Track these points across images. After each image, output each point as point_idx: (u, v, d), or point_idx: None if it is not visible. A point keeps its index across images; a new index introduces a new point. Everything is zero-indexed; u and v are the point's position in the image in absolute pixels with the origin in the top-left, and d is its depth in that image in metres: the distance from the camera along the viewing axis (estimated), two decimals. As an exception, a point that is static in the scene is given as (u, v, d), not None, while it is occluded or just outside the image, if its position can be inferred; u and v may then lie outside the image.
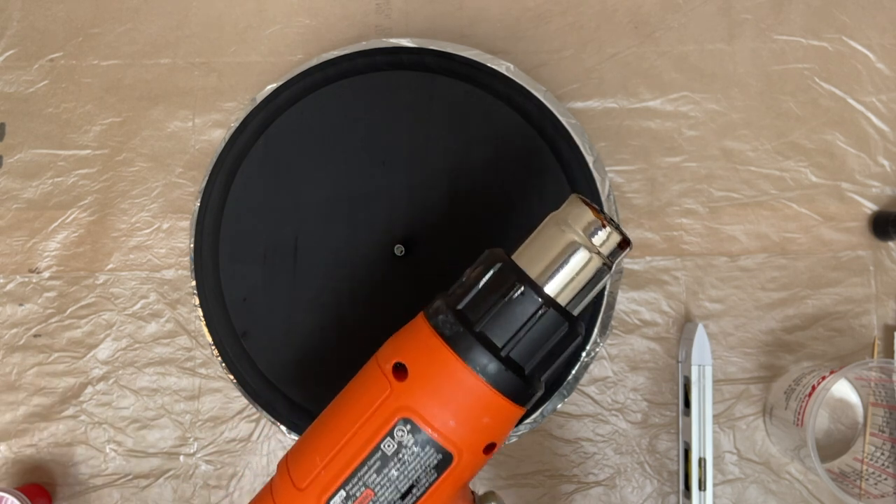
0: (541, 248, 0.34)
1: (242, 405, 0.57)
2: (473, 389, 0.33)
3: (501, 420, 0.34)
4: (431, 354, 0.33)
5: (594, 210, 0.34)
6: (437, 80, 0.52)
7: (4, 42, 0.61)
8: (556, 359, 0.35)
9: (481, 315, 0.33)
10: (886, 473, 0.53)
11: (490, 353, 0.33)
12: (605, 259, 0.34)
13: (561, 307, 0.34)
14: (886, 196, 0.59)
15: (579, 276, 0.34)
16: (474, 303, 0.34)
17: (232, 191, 0.52)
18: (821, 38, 0.60)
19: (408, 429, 0.33)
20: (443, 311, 0.34)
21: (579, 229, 0.34)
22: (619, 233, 0.34)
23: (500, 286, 0.33)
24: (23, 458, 0.57)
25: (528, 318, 0.33)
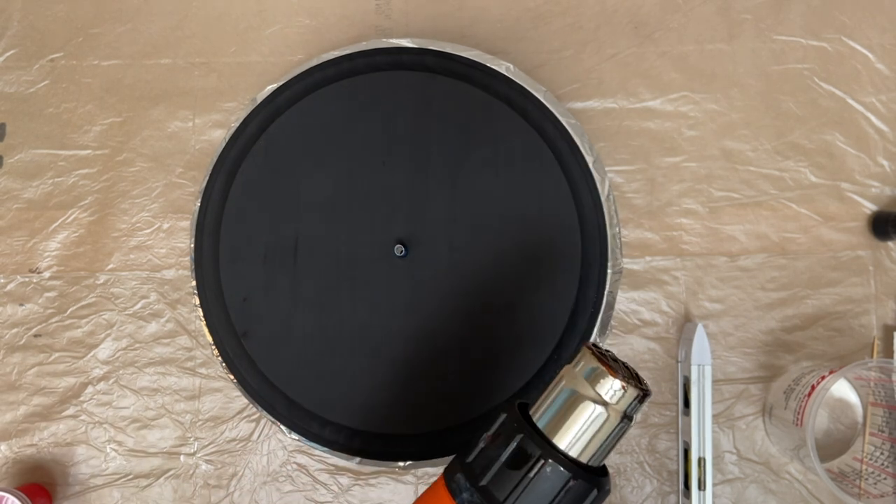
0: (558, 412, 0.34)
1: (242, 405, 0.57)
2: None
3: None
4: None
5: (609, 368, 0.33)
6: (437, 80, 0.52)
7: (5, 42, 0.61)
8: None
9: (507, 493, 0.32)
10: (886, 473, 0.53)
11: None
12: (622, 414, 0.33)
13: (587, 471, 0.33)
14: (886, 196, 0.59)
15: (599, 433, 0.33)
16: (498, 478, 0.33)
17: (232, 191, 0.52)
18: (820, 39, 0.60)
19: None
20: (466, 487, 0.33)
21: (595, 389, 0.33)
22: (637, 387, 0.33)
23: (524, 460, 0.32)
24: (23, 458, 0.57)
25: (557, 492, 0.32)
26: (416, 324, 0.49)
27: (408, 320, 0.50)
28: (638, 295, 0.58)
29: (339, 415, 0.49)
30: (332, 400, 0.49)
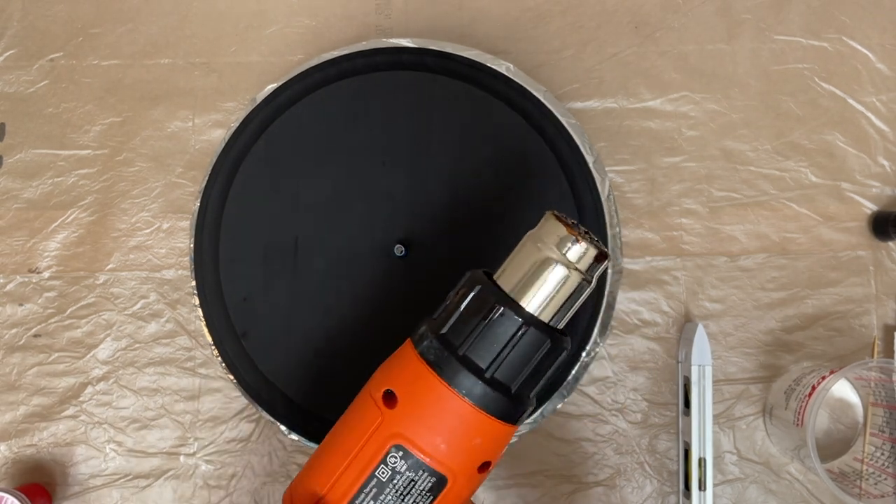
0: (519, 268, 0.35)
1: (242, 405, 0.57)
2: (461, 413, 0.33)
3: (492, 439, 0.34)
4: (418, 381, 0.34)
5: (568, 226, 0.34)
6: (437, 80, 0.52)
7: (4, 42, 0.61)
8: (543, 375, 0.35)
9: (464, 338, 0.34)
10: (886, 473, 0.53)
11: (474, 376, 0.33)
12: (583, 274, 0.34)
13: (542, 324, 0.34)
14: (886, 196, 0.59)
15: (559, 293, 0.34)
16: (456, 326, 0.34)
17: (232, 191, 0.52)
18: (821, 39, 0.60)
19: (400, 455, 0.34)
20: (427, 336, 0.35)
21: (554, 246, 0.34)
22: (595, 246, 0.34)
23: (481, 308, 0.34)
24: (23, 458, 0.57)
25: (510, 338, 0.33)
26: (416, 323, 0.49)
27: (408, 320, 0.49)
28: (638, 295, 0.58)
29: (338, 414, 0.49)
30: (332, 400, 0.49)
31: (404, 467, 0.34)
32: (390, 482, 0.34)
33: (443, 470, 0.34)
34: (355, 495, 0.34)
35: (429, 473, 0.34)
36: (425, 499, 0.34)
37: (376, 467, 0.34)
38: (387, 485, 0.34)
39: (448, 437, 0.34)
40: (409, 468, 0.34)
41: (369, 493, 0.34)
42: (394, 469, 0.34)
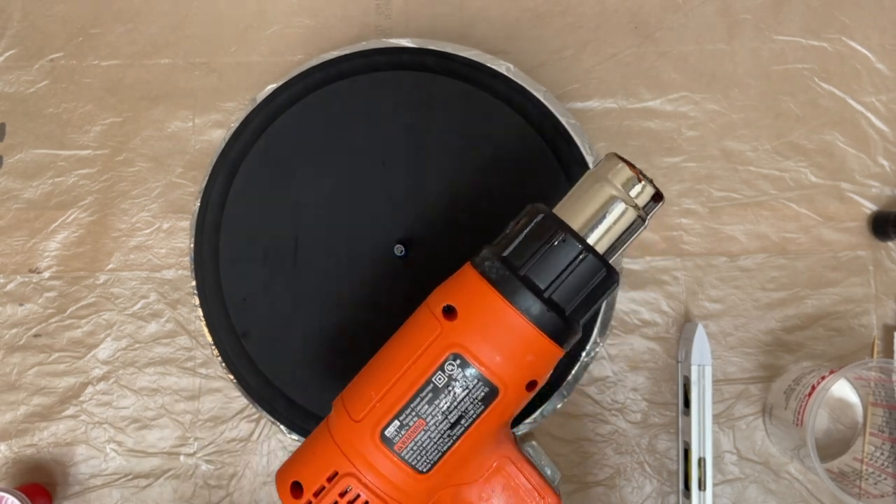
0: (581, 202, 0.37)
1: (242, 405, 0.57)
2: (518, 328, 0.35)
3: (544, 358, 0.36)
4: (480, 297, 0.36)
5: (631, 166, 0.37)
6: (437, 80, 0.52)
7: (4, 42, 0.61)
8: (594, 303, 0.37)
9: (525, 260, 0.36)
10: (886, 473, 0.53)
11: (534, 295, 0.35)
12: (640, 211, 0.37)
13: (599, 254, 0.36)
14: (886, 196, 0.59)
15: (616, 226, 0.37)
16: (519, 250, 0.36)
17: (232, 191, 0.52)
18: (820, 39, 0.60)
19: (457, 363, 0.36)
20: (489, 257, 0.37)
21: (617, 184, 0.37)
22: (653, 186, 0.37)
23: (543, 234, 0.36)
24: (23, 458, 0.57)
25: (570, 262, 0.36)
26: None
27: (408, 320, 0.50)
28: (638, 295, 0.58)
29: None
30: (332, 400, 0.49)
31: (460, 375, 0.36)
32: (446, 388, 0.36)
33: (496, 381, 0.36)
34: (411, 399, 0.36)
35: (483, 383, 0.36)
36: (477, 407, 0.36)
37: (433, 373, 0.36)
38: (442, 391, 0.36)
39: (504, 350, 0.35)
40: (464, 376, 0.36)
41: (425, 397, 0.36)
42: (450, 376, 0.36)
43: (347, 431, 0.37)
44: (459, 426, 0.36)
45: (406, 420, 0.36)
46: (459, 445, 0.37)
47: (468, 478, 0.38)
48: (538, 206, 0.38)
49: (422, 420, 0.36)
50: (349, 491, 0.37)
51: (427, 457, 0.36)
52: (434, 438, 0.36)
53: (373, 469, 0.36)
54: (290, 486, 0.38)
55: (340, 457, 0.37)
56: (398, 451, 0.36)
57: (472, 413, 0.36)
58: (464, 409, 0.36)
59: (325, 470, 0.37)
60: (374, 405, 0.37)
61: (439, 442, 0.36)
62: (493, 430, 0.37)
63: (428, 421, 0.36)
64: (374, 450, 0.36)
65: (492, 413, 0.36)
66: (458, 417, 0.36)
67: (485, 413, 0.36)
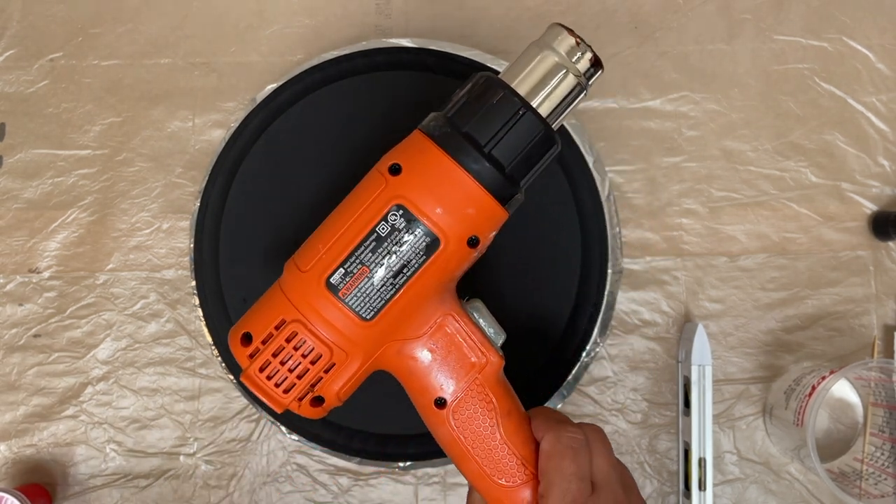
0: (522, 66, 0.39)
1: (242, 405, 0.57)
2: (459, 181, 0.37)
3: (484, 214, 0.38)
4: (423, 153, 0.38)
5: (572, 33, 0.39)
6: (437, 80, 0.52)
7: (4, 42, 0.61)
8: (535, 164, 0.39)
9: (467, 119, 0.37)
10: (886, 473, 0.53)
11: (475, 150, 0.37)
12: (580, 77, 0.39)
13: (538, 114, 0.38)
14: (886, 196, 0.59)
15: (557, 90, 0.38)
16: (462, 110, 0.38)
17: (232, 191, 0.52)
18: (821, 39, 0.60)
19: (400, 213, 0.37)
20: (433, 119, 0.39)
21: (561, 50, 0.38)
22: (592, 52, 0.39)
23: (484, 94, 0.38)
24: (23, 458, 0.57)
25: (509, 118, 0.37)
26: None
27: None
28: (638, 295, 0.58)
29: (338, 415, 0.49)
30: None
31: (403, 225, 0.37)
32: (388, 237, 0.37)
33: (437, 232, 0.37)
34: (356, 248, 0.37)
35: (424, 233, 0.37)
36: (419, 257, 0.38)
37: (377, 224, 0.37)
38: (385, 239, 0.37)
39: (445, 203, 0.37)
40: (406, 227, 0.37)
41: (368, 246, 0.37)
42: (393, 225, 0.37)
43: (295, 282, 0.39)
44: (402, 275, 0.38)
45: (350, 268, 0.38)
46: (402, 295, 0.38)
47: (412, 332, 0.40)
48: (484, 73, 0.39)
49: (365, 268, 0.37)
50: (295, 336, 0.38)
51: (371, 304, 0.38)
52: (377, 286, 0.38)
53: (318, 315, 0.38)
54: (241, 336, 0.39)
55: (288, 305, 0.38)
56: (342, 297, 0.38)
57: (415, 263, 0.38)
58: (406, 259, 0.37)
59: (273, 319, 0.38)
60: (320, 256, 0.38)
61: (382, 290, 0.38)
62: (436, 283, 0.39)
63: (371, 268, 0.37)
64: (319, 297, 0.38)
65: (434, 264, 0.38)
66: (401, 267, 0.38)
67: (427, 263, 0.38)
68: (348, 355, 0.38)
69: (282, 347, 0.38)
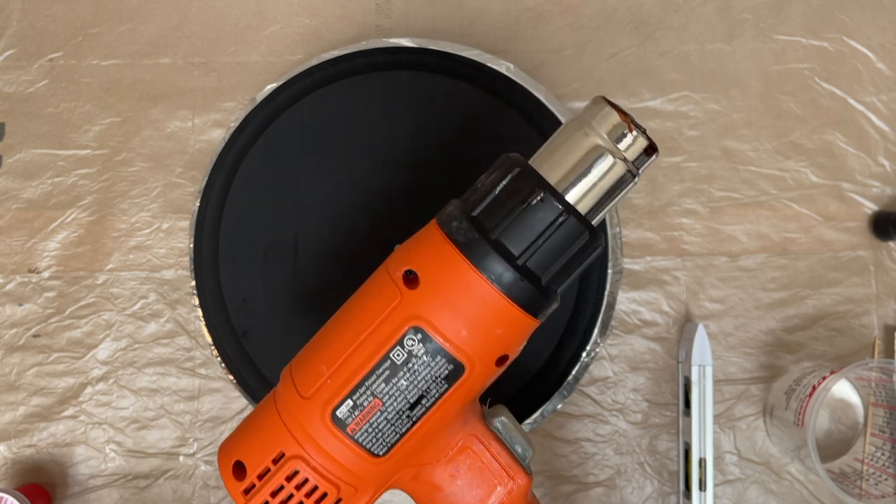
0: (560, 153, 0.33)
1: (242, 405, 0.57)
2: (487, 299, 0.32)
3: (516, 331, 0.33)
4: (444, 262, 0.32)
5: (620, 112, 0.32)
6: (437, 80, 0.52)
7: (4, 42, 0.61)
8: (575, 270, 0.33)
9: (497, 222, 0.32)
10: (887, 474, 0.53)
11: (506, 262, 0.32)
12: (629, 165, 0.32)
13: (581, 216, 0.32)
14: (887, 196, 0.59)
15: (601, 182, 0.32)
16: (490, 209, 0.32)
17: (232, 191, 0.52)
18: (821, 38, 0.60)
19: (418, 338, 0.32)
20: (456, 217, 0.33)
21: (603, 132, 0.32)
22: (646, 137, 0.32)
23: (518, 192, 0.32)
24: (22, 459, 0.57)
25: (547, 225, 0.32)
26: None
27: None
28: (638, 295, 0.58)
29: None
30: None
31: (422, 351, 0.32)
32: (405, 366, 0.32)
33: (461, 357, 0.32)
34: (366, 376, 0.33)
35: (447, 360, 0.32)
36: (440, 386, 0.33)
37: (391, 349, 0.32)
38: (401, 368, 0.32)
39: (471, 323, 0.32)
40: (426, 352, 0.32)
41: (381, 374, 0.32)
42: (410, 352, 0.32)
43: (295, 409, 0.34)
44: (420, 406, 0.33)
45: (360, 400, 0.33)
46: (420, 427, 0.33)
47: (431, 458, 0.35)
48: (512, 156, 0.34)
49: (378, 400, 0.33)
50: (296, 474, 0.33)
51: (384, 439, 0.33)
52: (392, 420, 0.33)
53: (323, 452, 0.33)
54: (233, 465, 0.35)
55: (287, 436, 0.34)
56: (351, 434, 0.33)
57: (435, 392, 0.33)
58: (425, 389, 0.33)
59: (271, 450, 0.34)
60: (324, 381, 0.33)
61: (397, 423, 0.33)
62: (458, 408, 0.34)
63: (385, 401, 0.33)
64: (324, 431, 0.33)
65: (457, 391, 0.33)
66: (419, 397, 0.33)
67: (448, 392, 0.33)
68: (357, 490, 0.34)
69: (281, 486, 0.34)
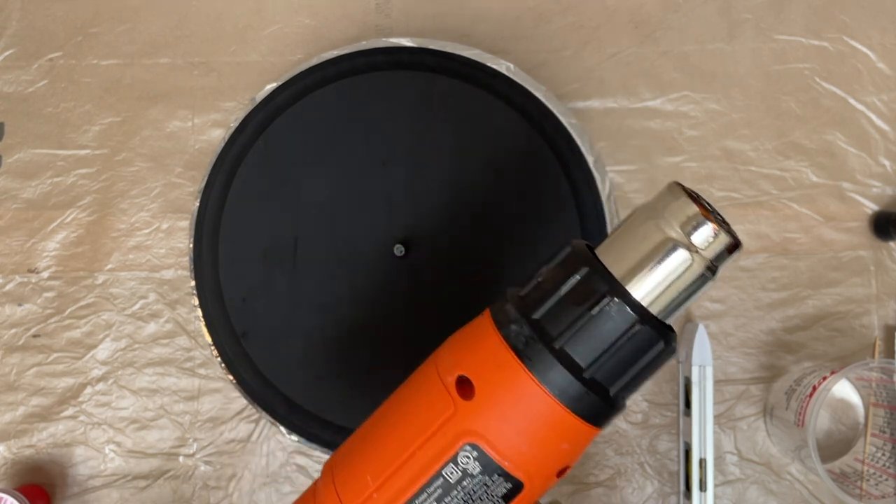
0: (632, 247, 0.29)
1: (242, 406, 0.57)
2: (551, 415, 0.29)
3: (579, 444, 0.30)
4: (502, 371, 0.29)
5: (698, 203, 0.29)
6: (437, 80, 0.51)
7: (4, 42, 0.61)
8: (646, 378, 0.31)
9: (563, 329, 0.29)
10: (887, 474, 0.53)
11: (571, 375, 0.29)
12: (708, 263, 0.29)
13: (657, 321, 0.29)
14: (887, 196, 0.59)
15: (677, 282, 0.29)
16: (554, 313, 0.29)
17: (231, 191, 0.52)
18: (821, 38, 0.60)
19: (474, 455, 0.29)
20: (515, 318, 0.30)
21: (678, 225, 0.29)
22: (728, 232, 0.29)
23: (587, 296, 0.29)
24: (22, 459, 0.57)
25: (620, 335, 0.29)
26: (416, 324, 0.49)
27: (407, 321, 0.49)
28: (638, 295, 0.58)
29: (338, 416, 0.49)
30: (332, 400, 0.49)
31: (477, 470, 0.29)
32: (458, 485, 0.30)
33: (520, 475, 0.29)
34: (416, 494, 0.30)
35: (504, 478, 0.30)
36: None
37: (444, 466, 0.30)
38: (454, 487, 0.30)
39: (532, 440, 0.29)
40: (482, 471, 0.29)
41: (433, 493, 0.30)
42: (465, 471, 0.30)
43: None
44: None
45: None
46: None
47: None
48: (579, 248, 0.30)
49: None
50: None
51: None
52: None
53: None
54: None
55: None
56: None
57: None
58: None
59: None
60: (370, 494, 0.31)
61: None
62: None
63: None
64: None
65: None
66: None
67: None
68: None
69: None
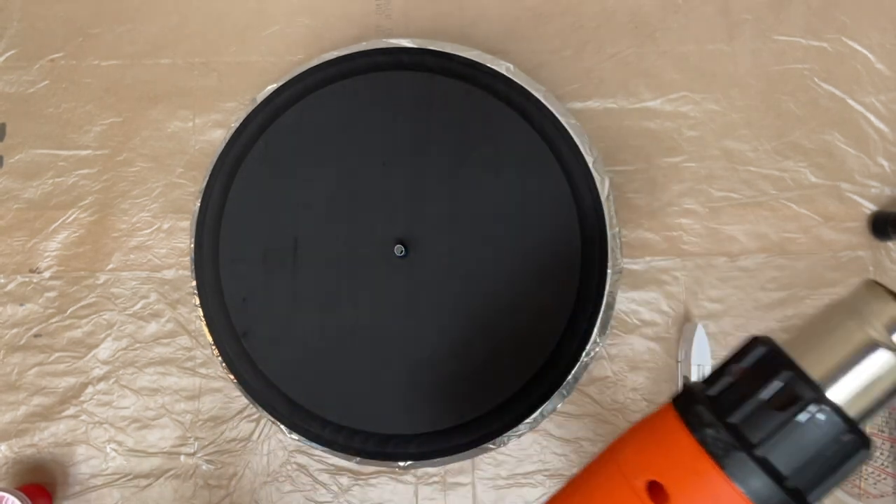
0: (829, 348, 0.28)
1: (243, 405, 0.57)
2: None
3: None
4: (700, 479, 0.27)
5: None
6: (437, 80, 0.52)
7: (5, 42, 0.61)
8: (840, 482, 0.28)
9: (764, 435, 0.27)
10: (885, 473, 0.53)
11: (774, 483, 0.27)
12: None
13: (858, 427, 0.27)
14: (886, 196, 0.59)
15: (879, 384, 0.27)
16: (754, 418, 0.27)
17: (232, 191, 0.52)
18: (821, 39, 0.60)
19: None
20: (711, 422, 0.28)
21: (881, 326, 0.27)
22: None
23: (790, 401, 0.27)
24: (23, 458, 0.57)
25: (827, 443, 0.27)
26: (416, 324, 0.49)
27: (407, 320, 0.50)
28: (638, 295, 0.58)
29: (338, 415, 0.49)
30: (332, 400, 0.49)
31: None
32: None
33: None
34: None
35: None
36: None
37: None
38: None
39: None
40: None
41: None
42: None
43: None
44: None
45: None
46: None
47: None
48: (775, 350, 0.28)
49: None
50: None
51: None
52: None
53: None
54: None
55: None
56: None
57: None
58: None
59: None
60: None
61: None
62: None
63: None
64: None
65: None
66: None
67: None
68: None
69: None
